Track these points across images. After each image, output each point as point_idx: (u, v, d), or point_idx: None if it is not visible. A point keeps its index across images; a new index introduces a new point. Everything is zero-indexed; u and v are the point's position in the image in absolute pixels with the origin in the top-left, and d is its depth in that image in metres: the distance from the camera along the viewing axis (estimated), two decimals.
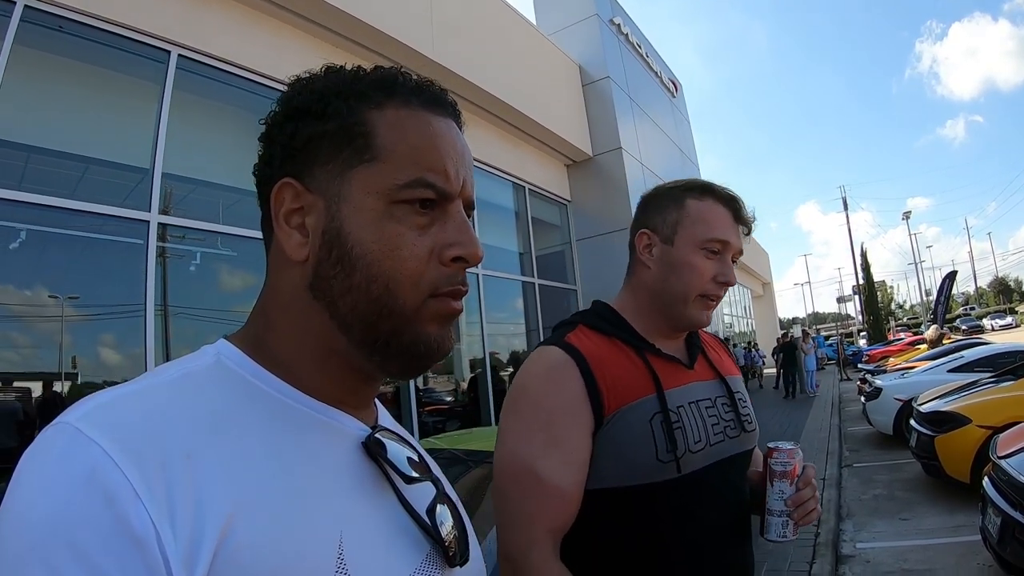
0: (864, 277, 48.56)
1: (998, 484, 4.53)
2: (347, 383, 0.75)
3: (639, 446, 1.35)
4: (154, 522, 0.53)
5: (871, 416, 11.18)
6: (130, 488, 0.53)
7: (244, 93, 6.55)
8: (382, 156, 0.70)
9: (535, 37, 11.71)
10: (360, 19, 6.97)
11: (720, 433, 1.47)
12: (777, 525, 1.40)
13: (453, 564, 0.75)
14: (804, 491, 1.41)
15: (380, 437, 0.76)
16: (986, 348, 12.14)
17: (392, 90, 0.73)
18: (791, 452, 1.41)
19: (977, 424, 6.83)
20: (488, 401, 9.65)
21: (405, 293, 0.70)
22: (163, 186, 5.42)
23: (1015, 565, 4.04)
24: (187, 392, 0.64)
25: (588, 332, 1.49)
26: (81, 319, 5.06)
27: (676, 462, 1.36)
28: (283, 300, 0.74)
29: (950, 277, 31.17)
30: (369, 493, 0.71)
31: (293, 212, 0.72)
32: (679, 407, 1.42)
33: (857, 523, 6.73)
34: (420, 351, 0.73)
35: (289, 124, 0.72)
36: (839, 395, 18.87)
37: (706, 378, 1.56)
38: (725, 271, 1.51)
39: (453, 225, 0.73)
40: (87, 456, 0.54)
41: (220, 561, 0.55)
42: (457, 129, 0.77)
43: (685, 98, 19.01)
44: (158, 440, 0.57)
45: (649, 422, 1.37)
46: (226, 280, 6.50)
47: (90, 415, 0.57)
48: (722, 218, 1.53)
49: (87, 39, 5.14)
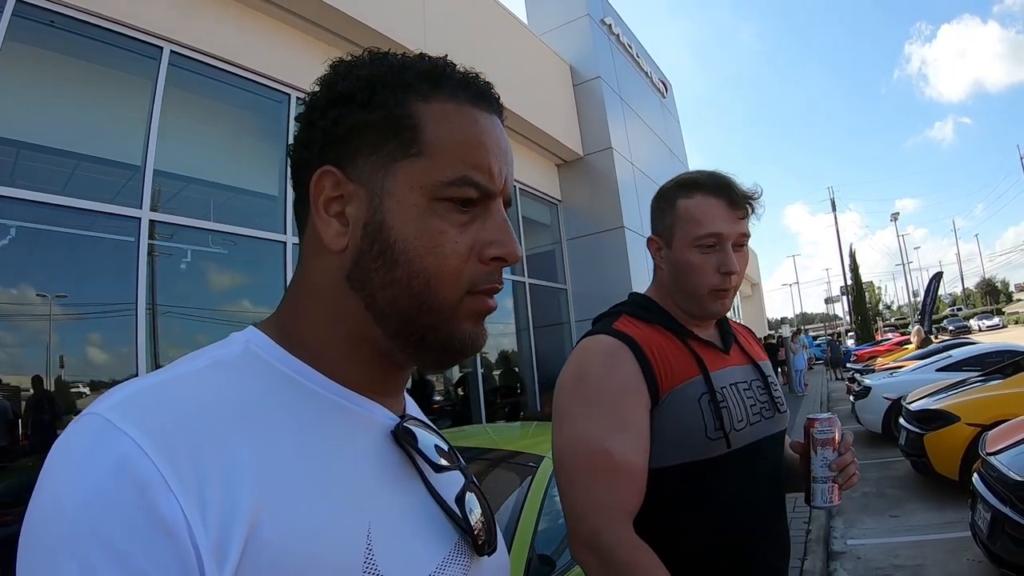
0: (852, 278, 48.90)
1: (988, 480, 4.59)
2: (377, 372, 0.75)
3: (691, 424, 1.43)
4: (185, 513, 0.52)
5: (860, 415, 11.27)
6: (161, 479, 0.53)
7: (236, 90, 6.50)
8: (428, 151, 0.70)
9: (526, 36, 11.69)
10: (353, 17, 6.93)
11: (758, 414, 1.55)
12: (823, 491, 1.47)
13: (482, 553, 0.75)
14: (846, 455, 1.49)
15: (409, 426, 0.76)
16: (974, 348, 12.24)
17: (439, 82, 0.72)
18: (831, 420, 1.50)
19: (966, 422, 6.92)
20: (479, 399, 9.61)
21: (445, 290, 0.70)
22: (154, 183, 5.37)
23: (1005, 559, 4.08)
24: (217, 381, 0.64)
25: (632, 320, 1.57)
26: (69, 317, 5.00)
27: (725, 438, 1.44)
28: (316, 288, 0.74)
29: (937, 278, 31.40)
30: (398, 482, 0.72)
31: (333, 200, 0.71)
32: (722, 388, 1.51)
33: (847, 520, 6.78)
34: (455, 347, 0.73)
35: (332, 110, 0.71)
36: (828, 394, 18.98)
37: (741, 363, 1.65)
38: (725, 261, 1.55)
39: (494, 224, 0.73)
40: (117, 446, 0.53)
41: (250, 551, 0.55)
42: (500, 125, 0.77)
43: (675, 98, 19.05)
44: (188, 430, 0.57)
45: (698, 401, 1.46)
46: (217, 278, 6.46)
47: (120, 405, 0.57)
48: (712, 211, 1.56)
49: (79, 34, 5.09)
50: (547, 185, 12.26)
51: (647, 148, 14.64)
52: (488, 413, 9.73)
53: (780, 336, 22.38)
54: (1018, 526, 3.94)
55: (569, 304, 12.10)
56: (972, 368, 9.94)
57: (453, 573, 0.71)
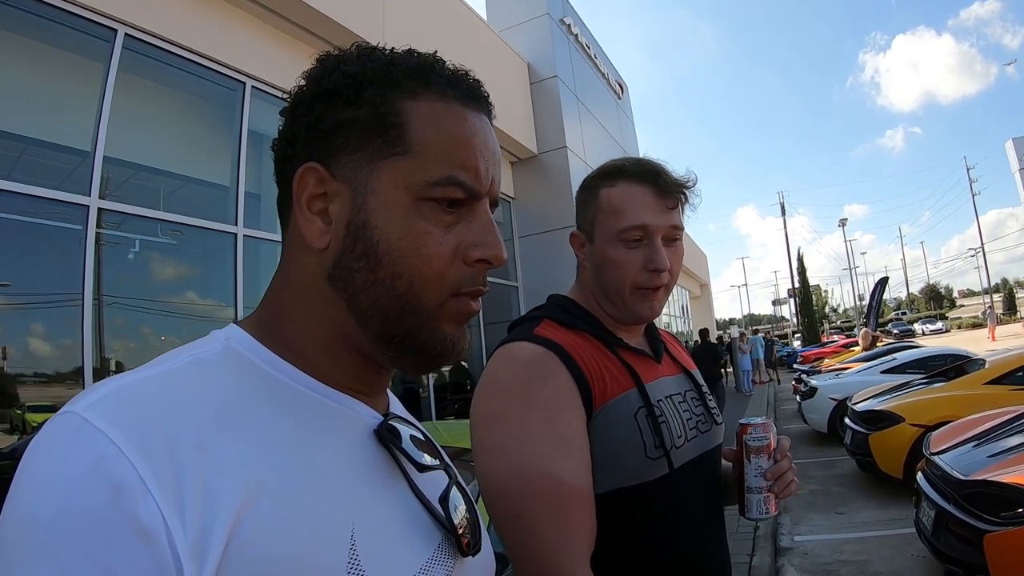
0: (800, 281, 50.02)
1: (931, 479, 4.74)
2: (359, 371, 0.74)
3: (627, 443, 1.26)
4: (163, 514, 0.51)
5: (806, 415, 11.53)
6: (138, 479, 0.51)
7: (192, 77, 6.37)
8: (414, 150, 0.69)
9: (485, 32, 11.69)
10: (312, 6, 6.84)
11: (695, 428, 1.41)
12: (758, 502, 1.35)
13: (466, 553, 0.74)
14: (782, 463, 1.36)
15: (394, 424, 0.75)
16: (918, 351, 12.62)
17: (427, 80, 0.71)
18: (765, 426, 1.37)
19: (910, 423, 7.13)
20: (429, 396, 9.70)
21: (428, 291, 0.69)
22: (104, 169, 5.21)
23: (949, 555, 4.21)
24: (197, 379, 0.62)
25: (555, 326, 1.37)
26: (13, 307, 4.84)
27: (667, 457, 1.28)
28: (298, 286, 0.73)
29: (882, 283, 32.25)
30: (381, 481, 0.70)
31: (316, 198, 0.70)
32: (659, 401, 1.35)
33: (794, 517, 6.91)
34: (436, 349, 0.72)
35: (318, 105, 0.70)
36: (774, 394, 19.33)
37: (673, 372, 1.50)
38: (653, 257, 1.36)
39: (479, 225, 0.72)
40: (93, 446, 0.52)
41: (231, 552, 0.54)
42: (489, 124, 0.76)
43: (631, 98, 19.23)
44: (167, 429, 0.55)
45: (634, 417, 1.29)
46: (166, 269, 6.31)
47: (97, 404, 0.56)
48: (638, 200, 1.38)
49: (29, 12, 4.91)
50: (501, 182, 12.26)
51: (602, 148, 14.74)
52: (438, 410, 9.76)
53: (729, 336, 22.49)
54: (961, 523, 4.06)
55: (520, 301, 12.18)
56: (916, 371, 10.22)
57: (437, 573, 0.70)
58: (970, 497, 4.12)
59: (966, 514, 4.06)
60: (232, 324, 0.72)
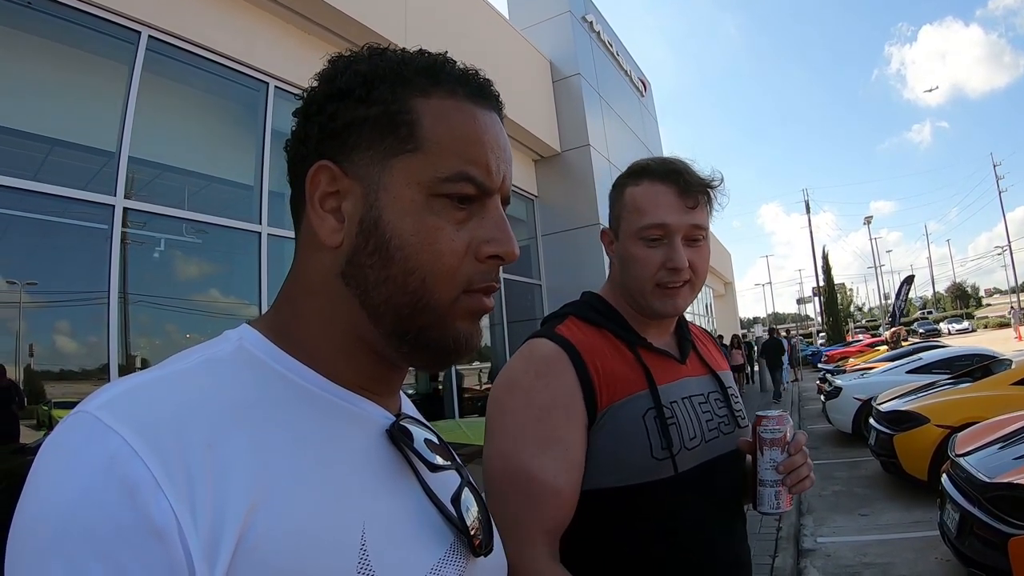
0: (825, 279, 49.62)
1: (957, 481, 4.66)
2: (372, 371, 0.74)
3: (633, 444, 1.29)
4: (175, 513, 0.52)
5: (830, 415, 11.40)
6: (151, 478, 0.52)
7: (214, 78, 6.43)
8: (425, 147, 0.69)
9: (507, 31, 11.69)
10: (334, 6, 6.88)
11: (715, 429, 1.41)
12: (770, 496, 1.33)
13: (478, 553, 0.74)
14: (796, 457, 1.34)
15: (406, 425, 0.75)
16: (944, 351, 12.43)
17: (438, 78, 0.72)
18: (780, 418, 1.35)
19: (935, 424, 7.02)
20: (452, 394, 9.65)
21: (441, 288, 0.69)
22: (129, 170, 5.28)
23: (974, 559, 4.15)
24: (209, 379, 0.63)
25: (579, 323, 1.42)
26: (40, 305, 4.92)
27: (672, 460, 1.30)
28: (311, 285, 0.73)
29: (908, 281, 31.95)
30: (393, 482, 0.70)
31: (329, 196, 0.71)
32: (672, 403, 1.37)
33: (817, 518, 6.85)
34: (449, 346, 0.72)
35: (330, 104, 0.70)
36: (799, 394, 19.16)
37: (698, 373, 1.50)
38: (671, 255, 1.38)
39: (491, 221, 0.72)
40: (106, 445, 0.52)
41: (242, 552, 0.54)
42: (500, 122, 0.76)
43: (653, 95, 19.14)
44: (180, 429, 0.56)
45: (642, 418, 1.31)
46: (191, 268, 6.37)
47: (110, 403, 0.56)
48: (659, 199, 1.40)
49: (56, 16, 4.99)
50: (523, 180, 12.28)
51: (625, 145, 14.69)
52: (461, 408, 9.74)
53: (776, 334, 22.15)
54: (986, 526, 4.00)
55: (543, 299, 12.16)
56: (942, 371, 10.08)
57: (449, 574, 0.70)
58: (995, 500, 4.05)
59: (991, 517, 4.00)
60: (245, 324, 0.72)
